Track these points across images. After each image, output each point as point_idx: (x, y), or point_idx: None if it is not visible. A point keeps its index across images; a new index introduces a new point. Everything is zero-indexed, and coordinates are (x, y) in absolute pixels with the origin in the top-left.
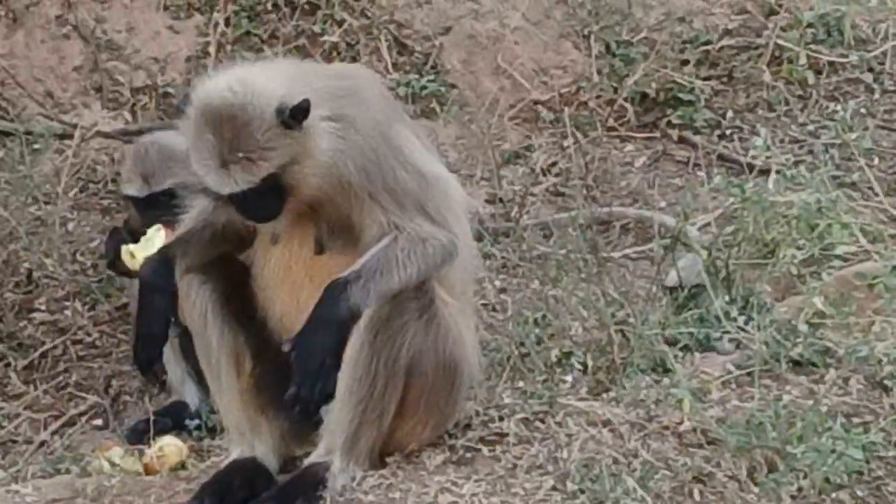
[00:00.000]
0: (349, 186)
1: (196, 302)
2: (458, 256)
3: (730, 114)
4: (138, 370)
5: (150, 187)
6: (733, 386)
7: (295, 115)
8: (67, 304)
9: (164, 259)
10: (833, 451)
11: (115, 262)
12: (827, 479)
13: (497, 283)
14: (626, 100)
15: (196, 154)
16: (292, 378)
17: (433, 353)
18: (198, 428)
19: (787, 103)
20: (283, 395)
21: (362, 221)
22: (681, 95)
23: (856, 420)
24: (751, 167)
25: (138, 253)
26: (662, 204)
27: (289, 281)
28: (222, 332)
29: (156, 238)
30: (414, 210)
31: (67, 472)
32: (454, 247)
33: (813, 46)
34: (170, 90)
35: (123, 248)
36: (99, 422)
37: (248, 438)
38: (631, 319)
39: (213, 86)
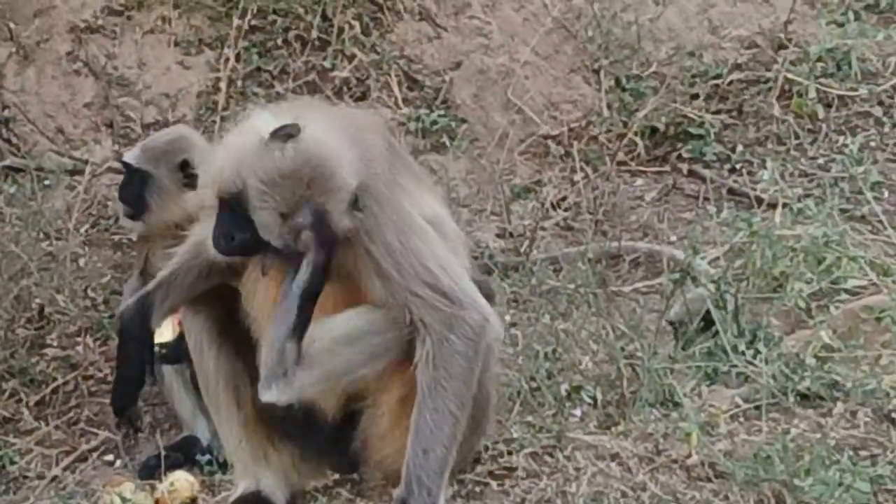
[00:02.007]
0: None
1: (191, 332)
2: (490, 320)
3: (739, 147)
4: (114, 413)
5: (144, 162)
6: (741, 419)
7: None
8: (79, 339)
9: (141, 306)
10: (841, 485)
11: None
12: None
13: (508, 317)
14: (636, 134)
15: None
16: None
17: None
18: (209, 463)
19: (796, 137)
20: (287, 423)
21: (360, 275)
22: (691, 129)
23: (863, 453)
24: (760, 201)
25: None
26: (672, 238)
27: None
28: (218, 360)
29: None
30: (414, 279)
31: None
32: (480, 311)
33: (822, 80)
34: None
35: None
36: (110, 457)
37: (252, 471)
38: (639, 353)
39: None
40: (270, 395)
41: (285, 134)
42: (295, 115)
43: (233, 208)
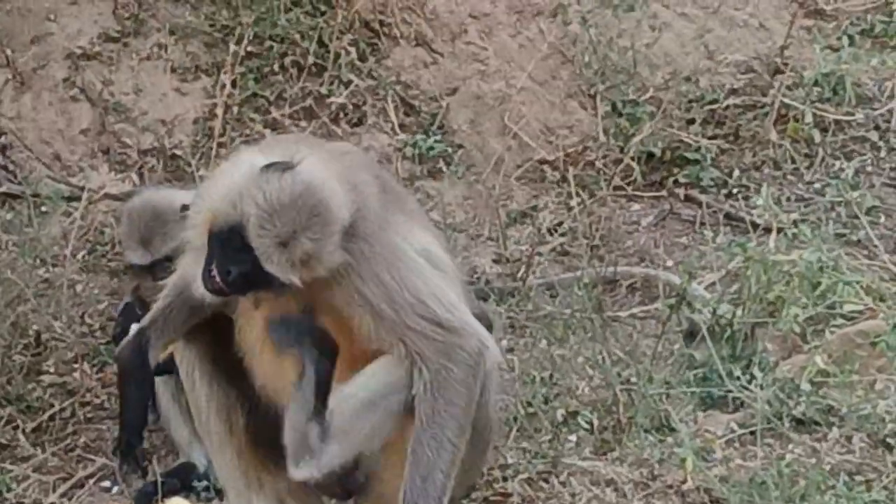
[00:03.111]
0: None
1: (183, 360)
2: (489, 347)
3: (736, 172)
4: (121, 456)
5: (151, 255)
6: (736, 445)
7: None
8: (76, 366)
9: (138, 346)
10: None
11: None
12: None
13: (504, 342)
14: (632, 159)
15: None
16: None
17: (477, 417)
18: (206, 489)
19: (793, 161)
20: (282, 450)
21: (353, 315)
22: (687, 154)
23: (859, 478)
24: (756, 225)
25: None
26: (669, 263)
27: (269, 348)
28: (211, 388)
29: None
30: (411, 310)
31: None
32: (477, 339)
33: (819, 105)
34: (177, 152)
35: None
36: (107, 483)
37: (246, 497)
38: (634, 379)
39: None
40: (301, 473)
41: (281, 166)
42: (285, 151)
43: (227, 242)
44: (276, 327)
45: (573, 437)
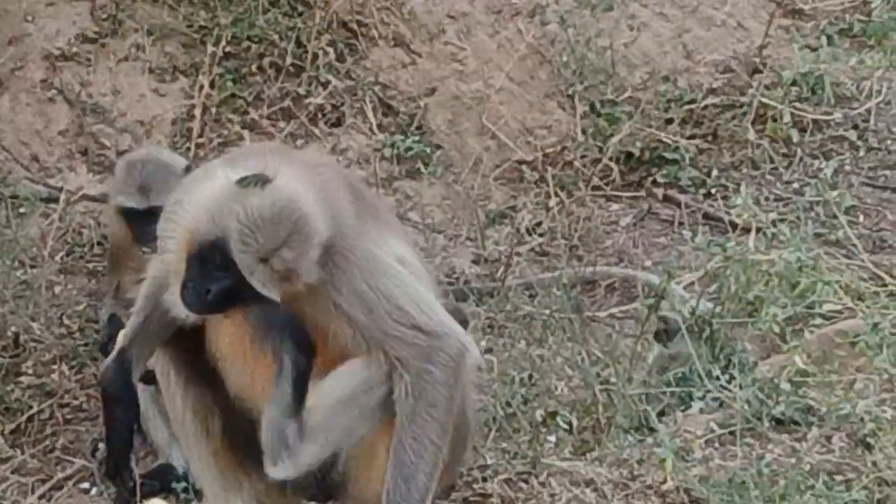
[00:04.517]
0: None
1: (158, 364)
2: (469, 348)
3: (715, 172)
4: (108, 478)
5: (148, 200)
6: (716, 445)
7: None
8: (54, 367)
9: (121, 368)
10: None
11: (108, 349)
12: None
13: (483, 343)
14: (610, 159)
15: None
16: None
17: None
18: (185, 490)
19: (771, 161)
20: (258, 452)
21: (326, 325)
22: (665, 154)
23: (838, 478)
24: (734, 225)
25: None
26: (648, 263)
27: (241, 355)
28: (186, 390)
29: None
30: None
31: None
32: (457, 340)
33: (797, 104)
34: None
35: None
36: (86, 485)
37: (224, 498)
38: (614, 379)
39: None
40: (278, 472)
41: (257, 179)
42: (258, 163)
43: (208, 259)
44: (256, 317)
45: (552, 438)
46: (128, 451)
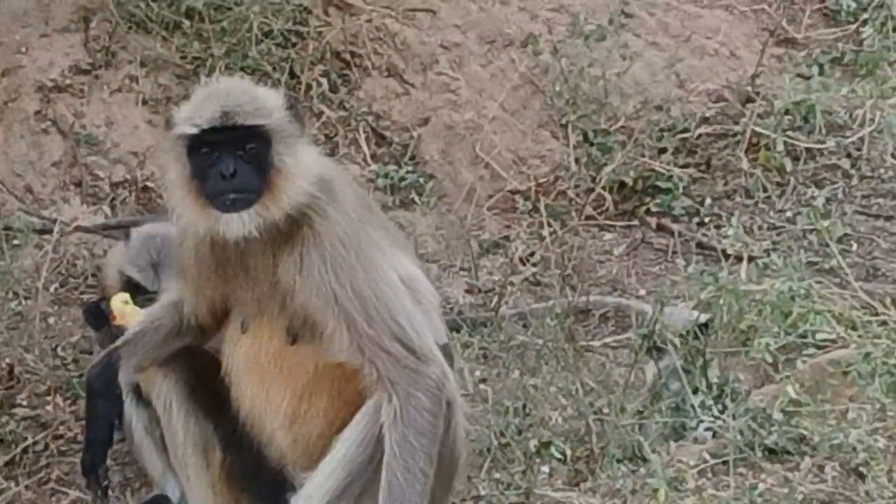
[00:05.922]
0: (309, 279)
1: (160, 394)
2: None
3: (708, 201)
4: (82, 473)
5: (159, 281)
6: (709, 475)
7: (298, 115)
8: (49, 399)
9: (108, 364)
10: None
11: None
12: None
13: (477, 372)
14: (604, 188)
15: (192, 110)
16: None
17: (444, 448)
18: None
19: (764, 190)
20: (256, 485)
21: (326, 326)
22: (659, 183)
23: None
24: (727, 254)
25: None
26: (641, 292)
27: (257, 372)
28: (188, 423)
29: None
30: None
31: None
32: (441, 368)
33: (790, 133)
34: (149, 184)
35: (114, 298)
36: None
37: None
38: (606, 409)
39: None
40: None
41: None
42: None
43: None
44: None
45: (546, 468)
46: (106, 447)
